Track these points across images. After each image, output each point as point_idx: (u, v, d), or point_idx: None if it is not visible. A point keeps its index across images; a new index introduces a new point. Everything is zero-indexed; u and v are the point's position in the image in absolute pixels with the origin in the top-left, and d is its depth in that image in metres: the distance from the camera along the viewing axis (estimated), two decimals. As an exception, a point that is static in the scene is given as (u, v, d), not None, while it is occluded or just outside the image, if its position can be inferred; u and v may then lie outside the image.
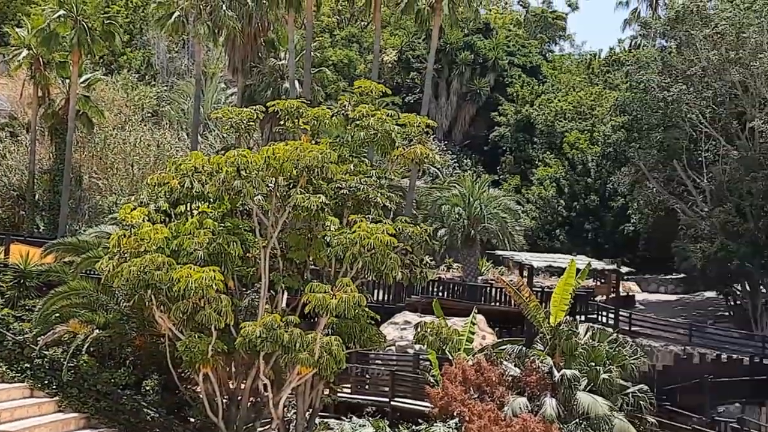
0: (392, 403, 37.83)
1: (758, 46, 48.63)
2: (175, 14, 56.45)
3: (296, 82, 59.17)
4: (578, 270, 36.26)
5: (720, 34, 49.72)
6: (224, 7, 56.18)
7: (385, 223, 30.60)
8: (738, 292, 53.82)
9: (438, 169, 63.49)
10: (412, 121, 33.95)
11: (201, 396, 30.75)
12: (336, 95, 63.44)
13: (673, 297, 62.07)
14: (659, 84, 51.52)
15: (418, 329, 32.90)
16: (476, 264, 54.72)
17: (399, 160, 33.46)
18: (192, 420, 32.29)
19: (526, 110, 74.44)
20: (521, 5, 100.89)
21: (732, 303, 55.54)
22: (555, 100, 72.44)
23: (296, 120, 33.08)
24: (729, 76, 49.82)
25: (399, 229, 31.59)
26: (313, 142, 32.67)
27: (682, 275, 61.11)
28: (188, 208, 31.88)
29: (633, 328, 48.22)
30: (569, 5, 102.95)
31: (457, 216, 53.23)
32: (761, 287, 51.18)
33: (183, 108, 72.31)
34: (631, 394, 32.49)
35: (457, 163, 72.37)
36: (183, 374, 31.85)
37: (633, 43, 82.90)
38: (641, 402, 32.59)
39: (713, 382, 40.59)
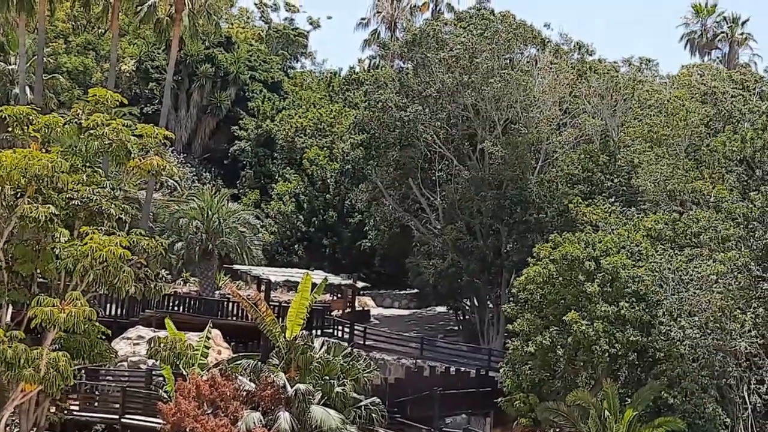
0: (123, 420, 36.85)
1: (489, 71, 50.76)
2: None
3: (27, 88, 56.81)
4: (315, 285, 36.62)
5: (454, 58, 51.57)
6: (-53, 7, 53.26)
7: (119, 236, 29.89)
8: (467, 307, 55.80)
9: (176, 181, 62.50)
10: (149, 132, 33.36)
11: None
12: (70, 103, 61.20)
13: (407, 312, 63.64)
14: (396, 104, 52.84)
15: (152, 344, 32.25)
16: (214, 278, 54.20)
17: (135, 171, 32.77)
18: None
19: (267, 125, 74.59)
20: (263, 21, 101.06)
21: (461, 317, 57.54)
22: (296, 116, 72.92)
23: (26, 127, 31.80)
24: (462, 98, 51.71)
25: (134, 241, 30.93)
26: (44, 150, 31.49)
27: (415, 290, 62.80)
28: None
29: (368, 342, 49.21)
30: (311, 23, 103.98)
31: (195, 230, 52.59)
32: (488, 302, 53.31)
33: None
34: (363, 407, 33.08)
35: (197, 177, 71.54)
36: None
37: (372, 63, 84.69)
38: (373, 414, 33.23)
39: (442, 394, 41.93)
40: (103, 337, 31.65)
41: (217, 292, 53.96)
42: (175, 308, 47.36)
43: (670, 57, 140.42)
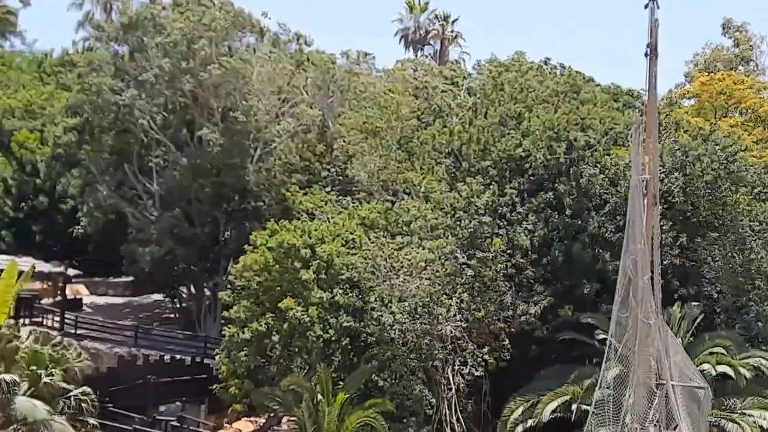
0: None
1: (208, 58, 50.45)
2: None
3: None
4: (22, 272, 35.24)
5: (172, 44, 50.89)
6: None
7: None
8: (184, 295, 55.40)
9: None
10: None
11: None
12: None
13: (122, 300, 62.43)
14: (111, 88, 51.55)
15: None
16: None
17: None
18: None
19: (-27, 106, 70.93)
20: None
21: (178, 305, 57.05)
22: (4, 98, 69.75)
23: None
24: (180, 84, 51.12)
25: None
26: None
27: (131, 278, 61.65)
28: None
29: (79, 331, 48.04)
30: (21, 1, 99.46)
31: None
32: (206, 290, 53.14)
33: None
34: (73, 397, 32.15)
35: None
36: None
37: (86, 45, 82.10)
38: (83, 404, 32.41)
39: (156, 382, 41.51)
40: None
41: None
42: None
43: (387, 52, 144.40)
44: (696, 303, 39.64)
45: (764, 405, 35.87)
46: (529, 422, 37.19)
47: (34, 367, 31.42)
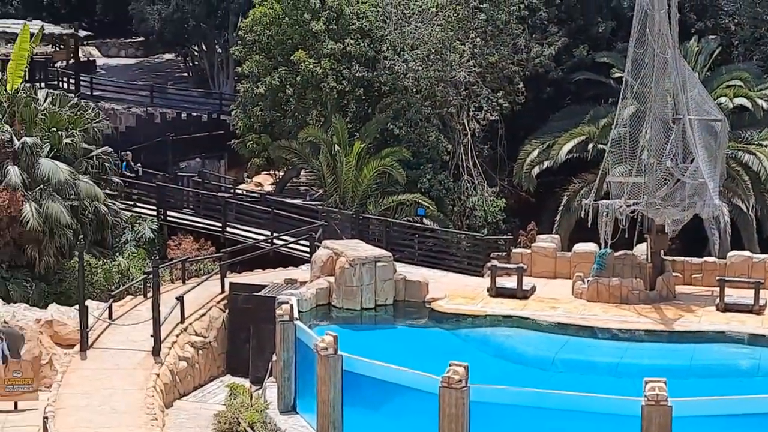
0: None
1: None
2: None
3: None
4: (33, 35, 34.93)
5: None
6: None
7: None
8: (196, 53, 55.14)
9: None
10: None
11: None
12: None
13: (134, 60, 62.15)
14: None
15: None
16: None
17: None
18: None
19: None
20: None
21: (190, 64, 56.89)
22: None
23: None
24: None
25: None
26: None
27: (141, 39, 61.18)
28: None
29: (95, 93, 48.10)
30: None
31: None
32: (217, 47, 52.81)
33: None
34: (95, 157, 32.51)
35: None
36: None
37: None
38: (105, 164, 32.82)
39: (175, 139, 41.97)
40: None
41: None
42: None
43: None
44: (713, 36, 39.25)
45: (780, 135, 36.11)
46: (546, 164, 37.65)
47: (54, 129, 31.55)
